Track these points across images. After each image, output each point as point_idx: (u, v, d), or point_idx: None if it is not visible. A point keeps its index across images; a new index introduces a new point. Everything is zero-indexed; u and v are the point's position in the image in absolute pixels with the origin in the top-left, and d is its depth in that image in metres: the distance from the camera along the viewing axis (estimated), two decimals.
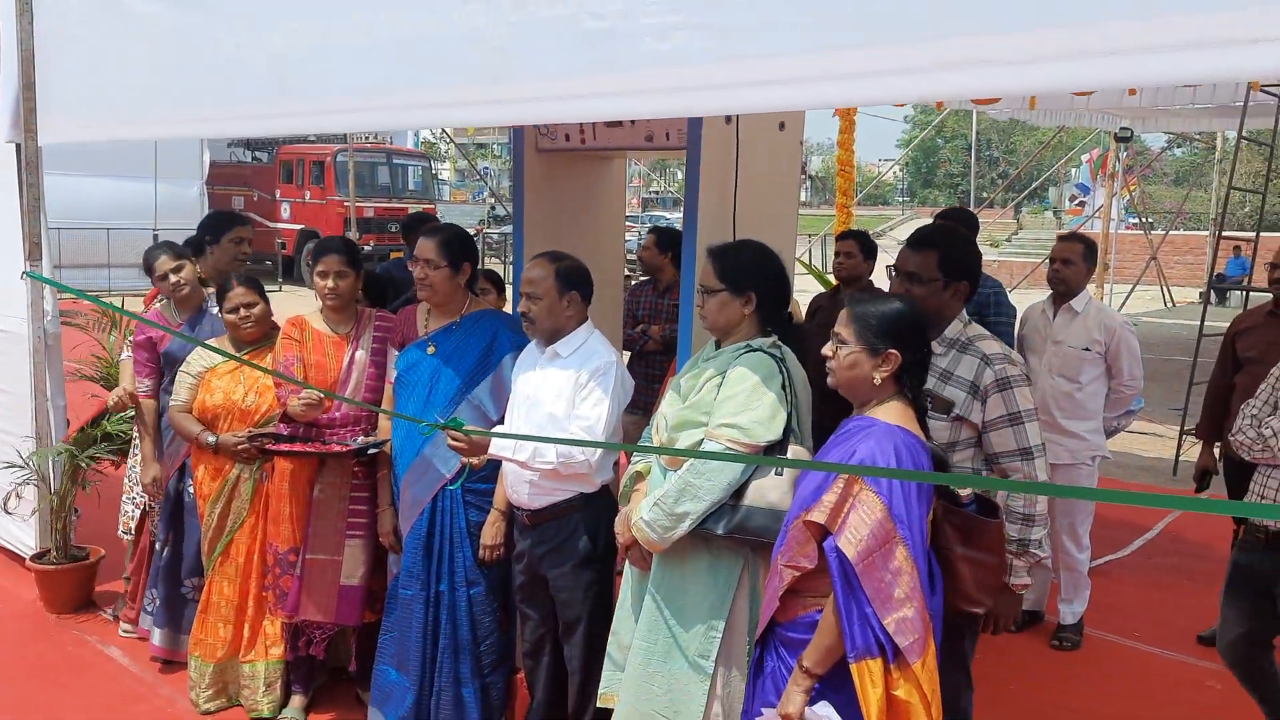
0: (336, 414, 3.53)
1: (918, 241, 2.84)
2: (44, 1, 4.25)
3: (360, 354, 3.57)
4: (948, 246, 2.80)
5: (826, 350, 2.37)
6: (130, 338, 4.20)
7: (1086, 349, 4.24)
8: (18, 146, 4.44)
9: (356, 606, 3.58)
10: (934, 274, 2.75)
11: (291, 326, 3.58)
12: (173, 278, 3.95)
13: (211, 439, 3.63)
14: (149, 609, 4.15)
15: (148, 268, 4.03)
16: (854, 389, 2.35)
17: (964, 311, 2.82)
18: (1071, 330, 4.28)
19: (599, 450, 2.95)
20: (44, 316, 4.56)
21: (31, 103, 4.33)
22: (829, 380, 2.39)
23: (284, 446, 3.46)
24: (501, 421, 3.20)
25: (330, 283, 3.50)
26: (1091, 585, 4.52)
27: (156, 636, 4.07)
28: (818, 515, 2.18)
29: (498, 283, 4.52)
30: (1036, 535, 2.70)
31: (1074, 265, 4.26)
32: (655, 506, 2.60)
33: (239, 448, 3.58)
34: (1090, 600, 4.51)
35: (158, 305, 4.18)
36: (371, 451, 3.47)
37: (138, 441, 4.25)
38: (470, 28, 2.68)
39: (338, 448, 3.46)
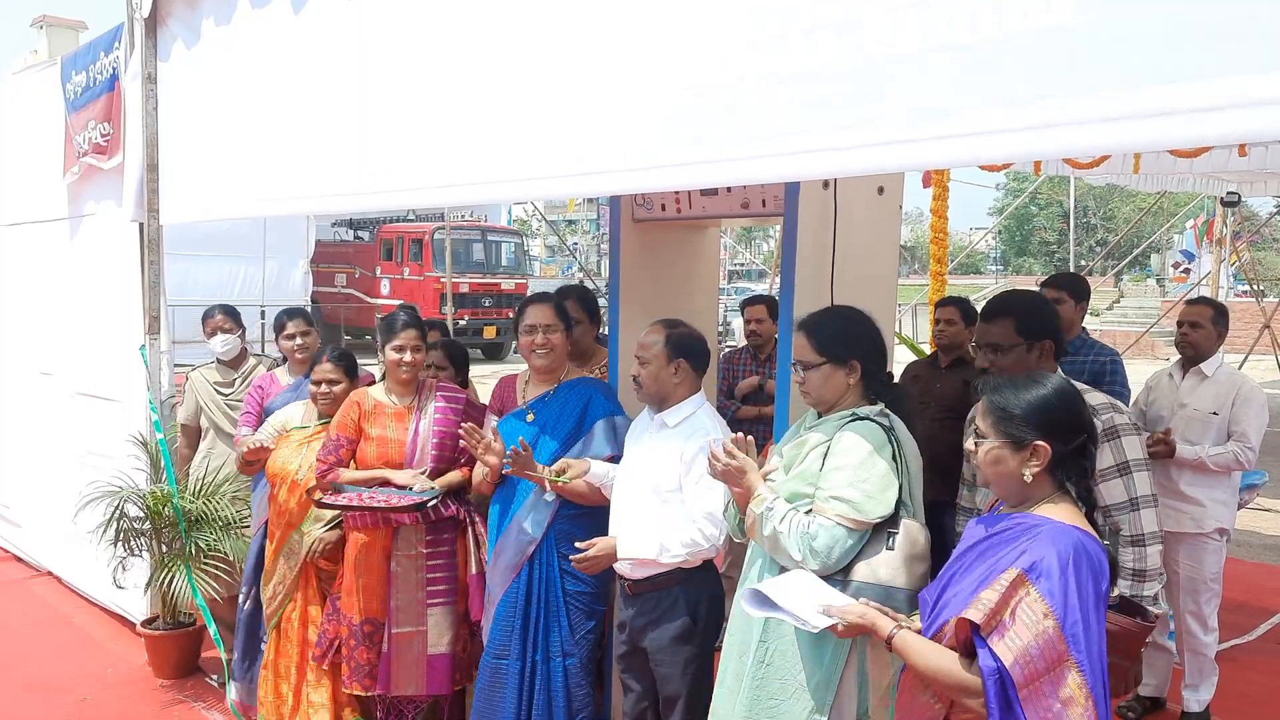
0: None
1: (990, 313, 2.87)
2: (167, 88, 4.52)
3: (424, 424, 3.62)
4: (1020, 309, 2.82)
5: (968, 445, 2.18)
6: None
7: (1215, 413, 4.10)
8: (140, 226, 4.69)
9: (446, 674, 3.57)
10: (1014, 339, 2.77)
11: (352, 405, 3.64)
12: (299, 339, 4.30)
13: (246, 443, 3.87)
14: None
15: (279, 325, 4.36)
16: (1005, 488, 2.07)
17: (1059, 369, 2.76)
18: (1199, 394, 4.16)
19: (724, 533, 2.92)
20: (160, 389, 4.75)
21: (154, 184, 4.57)
22: (978, 479, 2.28)
23: (338, 498, 3.44)
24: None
25: (408, 356, 3.58)
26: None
27: (233, 690, 4.17)
28: (973, 613, 1.88)
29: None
30: (1149, 591, 2.62)
31: (1203, 329, 4.18)
32: (782, 520, 2.42)
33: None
34: (1216, 687, 4.22)
35: (278, 368, 4.47)
36: (430, 503, 3.42)
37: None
38: (569, 102, 2.74)
39: (395, 499, 3.41)
